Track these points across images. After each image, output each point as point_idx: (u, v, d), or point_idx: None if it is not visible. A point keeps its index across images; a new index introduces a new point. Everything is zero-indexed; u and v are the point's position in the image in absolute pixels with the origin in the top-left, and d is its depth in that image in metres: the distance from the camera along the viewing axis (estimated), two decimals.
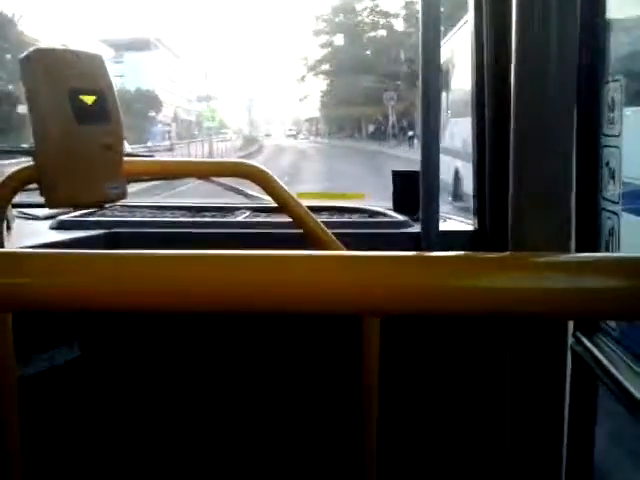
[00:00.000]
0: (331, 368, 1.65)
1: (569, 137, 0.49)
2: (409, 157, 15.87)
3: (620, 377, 0.97)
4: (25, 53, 0.95)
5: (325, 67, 38.29)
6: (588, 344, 1.07)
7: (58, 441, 1.55)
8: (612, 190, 1.03)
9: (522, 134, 0.49)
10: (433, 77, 1.47)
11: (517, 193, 0.50)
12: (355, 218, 1.81)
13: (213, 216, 1.84)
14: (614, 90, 1.02)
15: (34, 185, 1.01)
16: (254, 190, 1.77)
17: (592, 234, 1.05)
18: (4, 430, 1.08)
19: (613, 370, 0.99)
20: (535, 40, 0.49)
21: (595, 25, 1.02)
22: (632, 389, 0.93)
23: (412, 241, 1.58)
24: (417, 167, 1.56)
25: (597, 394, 1.12)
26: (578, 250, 0.45)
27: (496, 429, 1.25)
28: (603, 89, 1.03)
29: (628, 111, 0.98)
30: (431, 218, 1.53)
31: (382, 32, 36.88)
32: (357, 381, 1.25)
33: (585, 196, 1.01)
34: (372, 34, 37.23)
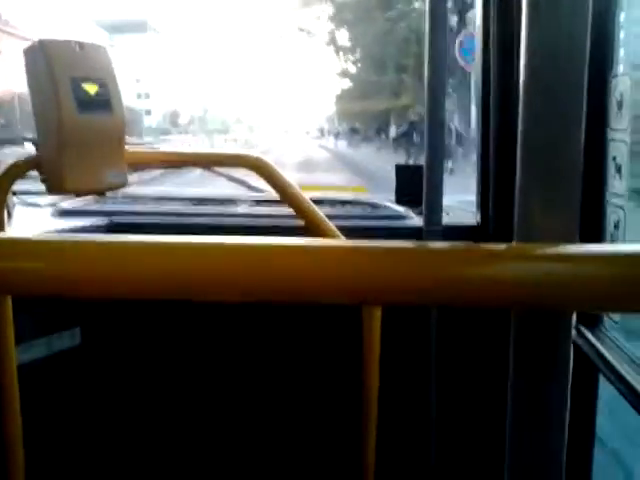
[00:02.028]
0: (331, 358, 1.65)
1: (578, 130, 0.49)
2: None
3: (622, 370, 0.97)
4: (29, 44, 0.95)
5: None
6: (590, 336, 1.07)
7: (57, 427, 1.56)
8: (618, 184, 1.03)
9: (531, 127, 0.49)
10: (439, 70, 1.46)
11: (525, 186, 0.49)
12: (357, 210, 1.81)
13: (214, 207, 1.84)
14: (622, 84, 1.01)
15: (36, 173, 1.01)
16: (255, 182, 1.77)
17: (597, 228, 1.05)
18: (5, 416, 1.08)
19: (615, 363, 0.99)
20: (545, 33, 0.48)
21: (605, 18, 1.02)
22: (634, 382, 0.93)
23: (414, 234, 1.58)
24: None
25: (597, 386, 1.12)
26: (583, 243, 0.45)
27: (497, 420, 1.25)
28: (611, 83, 1.03)
29: None
30: (434, 211, 1.52)
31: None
32: (357, 371, 1.25)
33: (591, 190, 1.01)
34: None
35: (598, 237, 1.06)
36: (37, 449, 1.21)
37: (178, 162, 1.30)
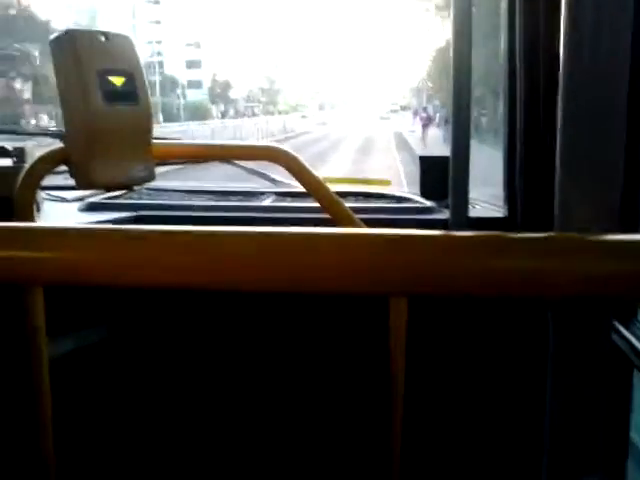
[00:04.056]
0: (357, 349, 1.65)
1: (621, 122, 0.47)
2: None
3: None
4: (55, 35, 0.96)
5: None
6: (624, 331, 1.05)
7: (83, 420, 1.58)
8: None
9: (572, 121, 0.47)
10: (464, 58, 1.44)
11: (565, 178, 0.48)
12: (382, 203, 1.80)
13: (239, 200, 1.84)
14: None
15: (63, 168, 1.01)
16: (278, 175, 1.76)
17: (636, 218, 1.02)
18: (36, 408, 1.09)
19: None
20: (586, 23, 0.47)
21: None
22: None
23: (440, 227, 1.56)
24: None
25: (632, 383, 1.09)
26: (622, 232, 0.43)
27: (531, 415, 1.23)
28: None
29: None
30: (461, 204, 1.51)
31: None
32: (383, 363, 1.24)
33: (630, 178, 0.99)
34: None
35: (636, 228, 1.03)
36: (64, 442, 1.23)
37: (204, 155, 1.30)
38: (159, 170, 1.08)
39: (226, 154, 1.31)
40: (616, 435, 1.09)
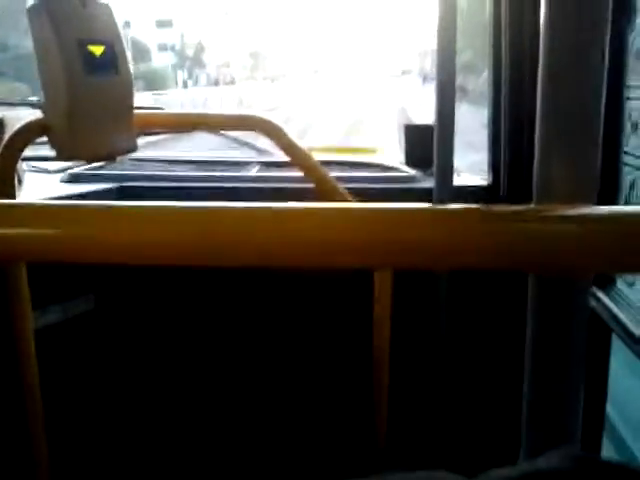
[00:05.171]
0: (342, 322, 1.66)
1: (599, 90, 0.47)
2: None
3: (636, 331, 0.96)
4: (32, 3, 0.93)
5: None
6: (604, 298, 1.07)
7: (73, 390, 1.59)
8: (634, 143, 1.01)
9: (550, 90, 0.47)
10: (449, 24, 1.42)
11: (544, 148, 0.48)
12: (367, 172, 1.80)
13: (223, 170, 1.83)
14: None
15: (44, 138, 1.00)
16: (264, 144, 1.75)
17: (613, 188, 1.03)
18: (23, 380, 1.10)
19: (629, 324, 0.99)
20: None
21: None
22: None
23: (425, 195, 1.56)
24: None
25: (610, 348, 1.12)
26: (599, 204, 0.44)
27: (509, 383, 1.26)
28: (629, 36, 1.00)
29: None
30: (445, 172, 1.51)
31: None
32: (368, 336, 1.25)
33: (607, 150, 0.99)
34: None
35: (614, 198, 1.04)
36: (55, 410, 1.24)
37: (187, 125, 1.29)
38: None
39: (208, 123, 1.29)
40: (594, 403, 1.12)
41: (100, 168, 1.77)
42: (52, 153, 0.99)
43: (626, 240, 0.42)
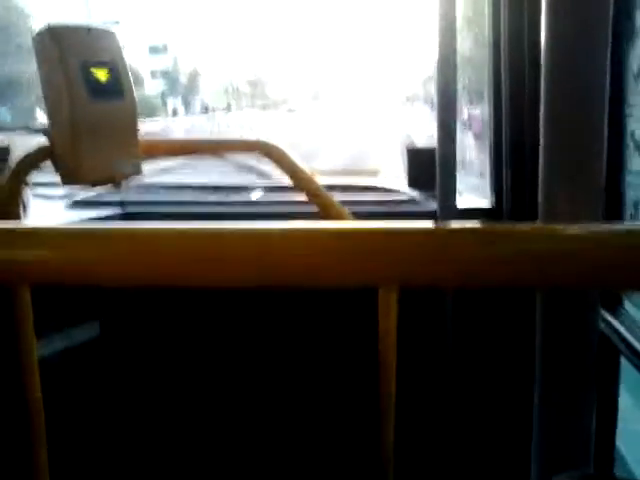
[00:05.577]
0: (348, 341, 1.65)
1: (601, 111, 0.47)
2: None
3: None
4: (38, 30, 0.95)
5: None
6: (611, 319, 1.06)
7: (76, 421, 1.57)
8: (637, 162, 1.01)
9: (555, 109, 0.48)
10: (450, 48, 1.44)
11: (548, 168, 0.48)
12: (370, 196, 1.80)
13: (227, 195, 1.84)
14: None
15: (49, 166, 1.00)
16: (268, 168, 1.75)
17: (617, 207, 1.03)
18: (27, 408, 1.09)
19: (637, 344, 0.98)
20: (567, 10, 0.47)
21: None
22: None
23: (428, 218, 1.56)
24: None
25: (619, 369, 1.11)
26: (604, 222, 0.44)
27: (519, 404, 1.24)
28: (631, 54, 1.00)
29: None
30: (448, 194, 1.51)
31: None
32: (374, 355, 1.24)
33: (611, 169, 1.00)
34: None
35: (618, 216, 1.04)
36: (59, 439, 1.22)
37: (192, 150, 1.30)
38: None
39: (212, 148, 1.30)
40: (605, 422, 1.11)
41: (104, 194, 1.78)
42: (57, 179, 1.00)
43: (633, 257, 0.41)
